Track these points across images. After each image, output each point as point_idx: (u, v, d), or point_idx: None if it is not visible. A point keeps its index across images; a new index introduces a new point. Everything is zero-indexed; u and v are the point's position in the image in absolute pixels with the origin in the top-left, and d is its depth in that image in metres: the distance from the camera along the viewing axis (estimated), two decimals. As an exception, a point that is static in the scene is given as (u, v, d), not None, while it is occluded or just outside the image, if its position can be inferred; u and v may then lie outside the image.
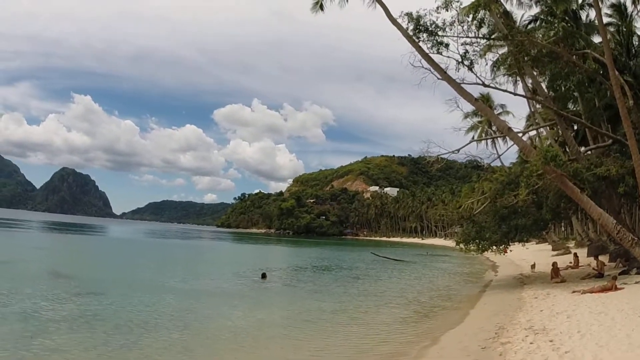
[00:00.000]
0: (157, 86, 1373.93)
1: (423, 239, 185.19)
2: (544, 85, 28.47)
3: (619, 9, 29.95)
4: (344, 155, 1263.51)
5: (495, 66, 29.08)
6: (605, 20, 26.59)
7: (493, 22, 25.86)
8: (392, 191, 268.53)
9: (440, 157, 26.93)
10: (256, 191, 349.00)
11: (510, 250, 32.85)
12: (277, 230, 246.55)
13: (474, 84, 25.05)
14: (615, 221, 21.89)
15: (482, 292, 26.98)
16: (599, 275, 23.96)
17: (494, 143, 55.26)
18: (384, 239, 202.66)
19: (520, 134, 27.45)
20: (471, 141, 32.35)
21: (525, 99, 30.74)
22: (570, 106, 32.69)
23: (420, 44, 24.99)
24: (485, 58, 27.77)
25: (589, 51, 25.53)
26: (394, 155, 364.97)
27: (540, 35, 26.43)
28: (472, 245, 28.29)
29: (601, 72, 25.64)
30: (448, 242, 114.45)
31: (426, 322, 18.45)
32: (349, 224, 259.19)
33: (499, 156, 36.59)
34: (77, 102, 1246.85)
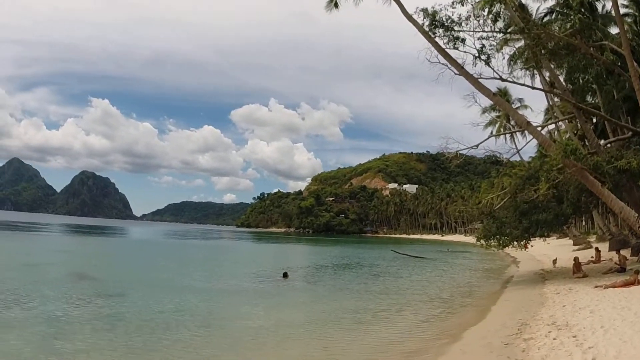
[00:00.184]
0: (174, 88, 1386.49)
1: (443, 235, 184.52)
2: (561, 78, 28.18)
3: (635, -1, 29.69)
4: (362, 153, 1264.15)
5: (512, 60, 28.90)
6: (622, 10, 26.31)
7: (509, 16, 25.64)
8: (411, 188, 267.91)
9: (459, 152, 26.71)
10: (275, 190, 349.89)
11: (531, 246, 32.64)
12: (297, 229, 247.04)
13: (491, 78, 24.84)
14: (636, 214, 21.68)
15: (503, 288, 26.85)
16: (621, 269, 23.71)
17: (512, 138, 54.67)
18: (404, 236, 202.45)
19: (539, 128, 27.26)
20: (490, 136, 32.36)
21: (543, 92, 30.47)
22: (589, 99, 32.42)
23: (437, 39, 24.84)
24: (502, 52, 27.56)
25: (606, 42, 25.29)
26: (412, 152, 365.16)
27: (557, 28, 26.26)
28: (492, 241, 28.15)
29: (619, 64, 25.35)
30: (468, 239, 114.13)
31: (448, 319, 18.43)
32: (368, 221, 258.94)
33: (518, 151, 36.24)
34: (95, 106, 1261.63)
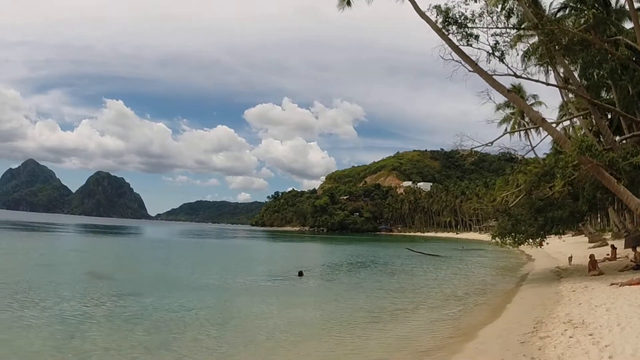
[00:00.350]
0: (187, 88, 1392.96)
1: (458, 233, 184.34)
2: (576, 74, 27.96)
3: (650, -8, 29.35)
4: (376, 151, 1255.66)
5: (526, 56, 28.78)
6: (636, 5, 26.02)
7: (522, 12, 25.49)
8: (425, 186, 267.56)
9: (473, 150, 26.63)
10: (289, 189, 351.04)
11: (547, 243, 32.40)
12: (311, 228, 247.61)
13: (505, 75, 24.70)
14: (653, 211, 21.49)
15: (518, 286, 26.71)
16: (637, 267, 23.48)
17: (527, 134, 54.55)
18: (418, 234, 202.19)
19: (553, 125, 27.08)
20: (504, 133, 32.09)
21: (557, 88, 30.27)
22: (604, 94, 32.19)
23: (450, 36, 24.75)
24: (516, 48, 27.43)
25: (621, 37, 25.06)
26: (426, 150, 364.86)
27: (571, 23, 26.02)
28: (508, 238, 28.01)
29: (634, 59, 25.13)
30: (483, 236, 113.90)
31: (463, 317, 18.38)
32: (382, 219, 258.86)
33: (532, 148, 36.16)
34: (109, 107, 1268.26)
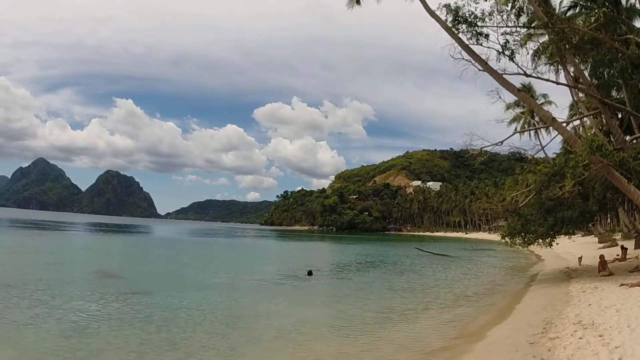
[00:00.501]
0: (197, 88, 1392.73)
1: (467, 233, 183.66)
2: (586, 73, 27.74)
3: (660, -9, 29.16)
4: (385, 151, 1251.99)
5: (536, 55, 28.60)
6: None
7: (532, 10, 25.34)
8: (434, 185, 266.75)
9: (483, 149, 26.50)
10: (298, 188, 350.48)
11: (557, 244, 32.21)
12: (320, 227, 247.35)
13: (515, 74, 24.56)
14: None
15: (528, 287, 26.61)
16: (648, 267, 23.38)
17: (537, 134, 54.07)
18: (428, 233, 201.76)
19: (563, 124, 26.91)
20: (514, 132, 31.95)
21: (567, 87, 30.10)
22: (614, 94, 31.93)
23: (460, 35, 24.65)
24: (526, 47, 27.31)
25: (631, 36, 24.83)
26: (435, 149, 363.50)
27: (581, 22, 25.84)
28: (517, 238, 27.89)
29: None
30: (492, 236, 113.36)
31: (472, 318, 18.31)
32: (392, 219, 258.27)
33: (542, 147, 35.87)
34: (119, 106, 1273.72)
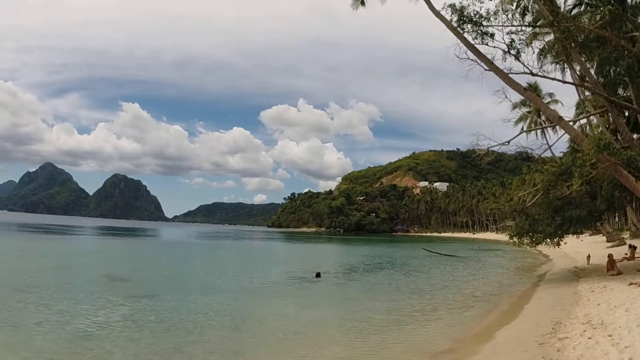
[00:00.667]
0: (203, 91, 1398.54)
1: (474, 233, 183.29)
2: (592, 72, 27.65)
3: (666, -12, 28.94)
4: (391, 152, 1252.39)
5: (542, 54, 28.50)
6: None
7: (537, 9, 25.27)
8: (441, 186, 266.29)
9: (490, 149, 26.42)
10: (305, 190, 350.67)
11: (564, 243, 32.07)
12: (328, 229, 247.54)
13: (521, 73, 24.51)
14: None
15: (536, 286, 26.47)
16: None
17: (543, 133, 53.93)
18: (435, 234, 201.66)
19: (570, 123, 26.80)
20: (521, 132, 31.84)
21: (574, 86, 29.96)
22: (621, 92, 31.74)
23: (465, 35, 24.58)
24: (532, 46, 27.22)
25: (637, 34, 24.72)
26: (442, 150, 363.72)
27: (586, 20, 25.70)
28: (525, 238, 27.79)
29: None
30: (500, 236, 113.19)
31: (480, 318, 18.23)
32: (399, 220, 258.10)
33: (549, 147, 35.77)
34: (125, 110, 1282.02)
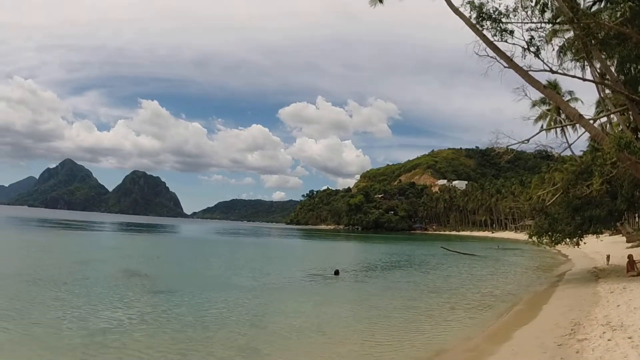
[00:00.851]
0: (222, 89, 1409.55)
1: (493, 232, 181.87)
2: (613, 69, 27.29)
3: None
4: (410, 149, 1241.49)
5: (562, 51, 28.16)
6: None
7: (556, 6, 24.98)
8: (460, 184, 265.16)
9: (509, 147, 26.18)
10: (324, 188, 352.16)
11: (584, 243, 31.68)
12: (346, 226, 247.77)
13: (541, 70, 24.27)
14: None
15: (555, 287, 26.21)
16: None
17: (563, 131, 53.32)
18: (454, 232, 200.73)
19: (590, 121, 26.48)
20: (540, 130, 31.47)
21: (594, 84, 29.59)
22: (642, 90, 31.38)
23: (484, 32, 24.43)
24: (552, 43, 26.91)
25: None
26: (461, 148, 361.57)
27: (607, 17, 25.36)
28: (544, 238, 27.54)
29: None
30: (519, 235, 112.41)
31: (499, 318, 18.18)
32: (417, 218, 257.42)
33: (569, 145, 35.36)
34: (144, 107, 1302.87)
